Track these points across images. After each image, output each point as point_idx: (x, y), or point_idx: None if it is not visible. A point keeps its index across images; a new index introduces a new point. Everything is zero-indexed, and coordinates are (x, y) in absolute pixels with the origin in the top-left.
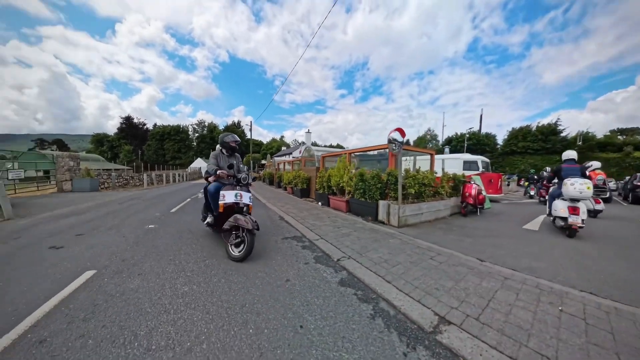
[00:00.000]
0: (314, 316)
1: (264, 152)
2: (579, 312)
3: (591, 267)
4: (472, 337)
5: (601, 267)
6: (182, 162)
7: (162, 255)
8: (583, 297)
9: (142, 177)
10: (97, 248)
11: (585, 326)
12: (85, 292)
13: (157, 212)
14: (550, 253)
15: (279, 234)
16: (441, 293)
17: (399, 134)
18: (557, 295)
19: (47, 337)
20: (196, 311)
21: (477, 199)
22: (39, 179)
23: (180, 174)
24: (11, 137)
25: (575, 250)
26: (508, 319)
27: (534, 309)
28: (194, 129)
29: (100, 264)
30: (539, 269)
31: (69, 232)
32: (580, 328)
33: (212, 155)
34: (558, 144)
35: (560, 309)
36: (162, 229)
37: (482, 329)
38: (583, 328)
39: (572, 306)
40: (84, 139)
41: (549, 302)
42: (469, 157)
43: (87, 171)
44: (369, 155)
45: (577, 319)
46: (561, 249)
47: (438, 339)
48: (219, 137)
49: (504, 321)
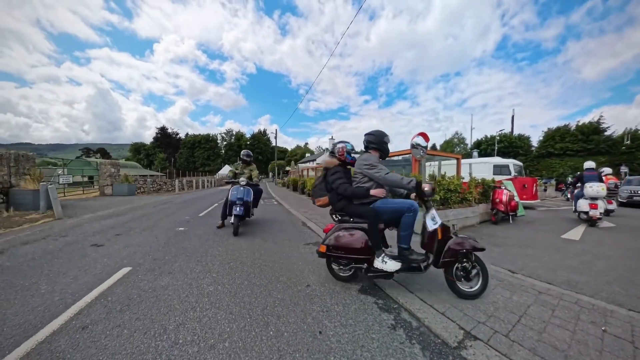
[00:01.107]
0: (333, 323)
1: (288, 159)
2: (626, 333)
3: None
4: (500, 355)
5: None
6: (210, 168)
7: (190, 256)
8: (632, 317)
9: (174, 182)
10: (133, 247)
11: (634, 351)
12: (122, 287)
13: (187, 216)
14: (592, 266)
15: (301, 239)
16: (467, 306)
17: (423, 138)
18: (600, 314)
19: (88, 324)
20: (220, 310)
21: (509, 205)
22: (84, 183)
23: (209, 180)
24: (62, 147)
25: (622, 264)
26: (542, 337)
27: (573, 328)
28: (222, 138)
29: (135, 262)
30: (579, 284)
31: (109, 232)
32: (628, 353)
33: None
34: (602, 144)
35: (603, 329)
36: (190, 231)
37: (512, 346)
38: (631, 353)
39: (617, 326)
40: (123, 147)
41: (590, 321)
42: (500, 161)
43: (126, 177)
44: (393, 161)
45: (624, 341)
46: (606, 262)
47: (463, 354)
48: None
49: (537, 340)
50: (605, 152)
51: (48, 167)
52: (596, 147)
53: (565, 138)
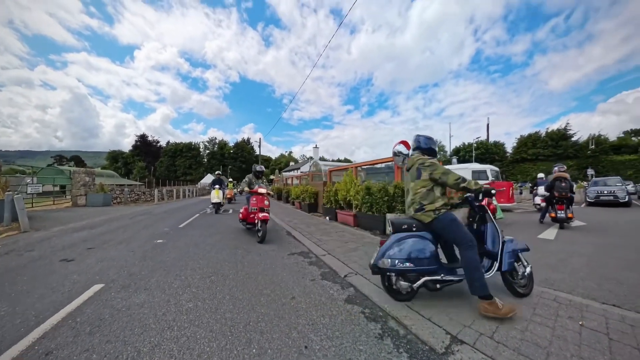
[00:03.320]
0: (319, 336)
1: (272, 168)
2: (601, 326)
3: (613, 277)
4: (486, 358)
5: (624, 277)
6: (192, 177)
7: (169, 270)
8: (605, 310)
9: (153, 192)
10: (106, 262)
11: (609, 342)
12: (93, 306)
13: (166, 227)
14: (568, 263)
15: (286, 249)
16: (453, 310)
17: (404, 146)
18: (577, 309)
19: (53, 349)
20: (200, 329)
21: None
22: (55, 193)
23: (190, 189)
24: (31, 154)
25: (595, 260)
26: (524, 336)
27: (553, 325)
28: (205, 146)
29: (109, 278)
30: (556, 281)
31: (80, 246)
32: (604, 344)
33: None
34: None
35: (580, 324)
36: (170, 244)
37: (497, 348)
38: (606, 344)
39: (593, 320)
40: (100, 155)
41: (568, 317)
42: (478, 167)
43: (102, 186)
44: (376, 169)
45: (600, 334)
46: (579, 259)
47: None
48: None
49: (520, 339)
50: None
51: (15, 176)
52: (565, 152)
53: (536, 144)
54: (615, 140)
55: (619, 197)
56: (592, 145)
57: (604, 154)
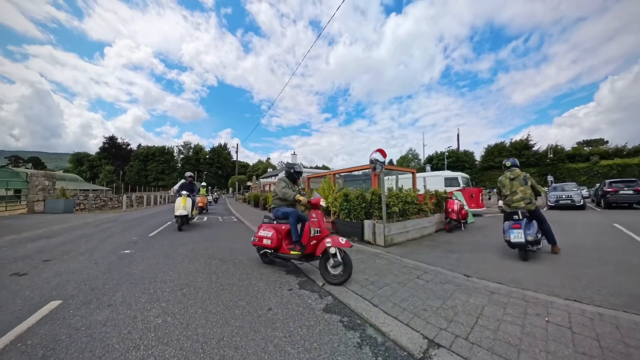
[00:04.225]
0: (296, 349)
1: (250, 174)
2: (565, 321)
3: (573, 274)
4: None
5: (582, 274)
6: (165, 183)
7: (136, 284)
8: (568, 306)
9: (121, 198)
10: (65, 275)
11: (572, 335)
12: (47, 326)
13: (134, 236)
14: (534, 263)
15: None
16: (429, 314)
17: (380, 154)
18: (543, 306)
19: None
20: (169, 347)
21: (460, 214)
22: (8, 198)
23: (162, 195)
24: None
25: (557, 260)
26: (497, 335)
27: (522, 323)
28: (180, 150)
29: (67, 294)
30: (524, 281)
31: (35, 258)
32: (567, 338)
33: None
34: (532, 158)
35: (547, 320)
36: (138, 254)
37: (472, 349)
38: (570, 337)
39: (558, 316)
40: (62, 157)
41: (535, 314)
42: (450, 174)
43: (63, 191)
44: (353, 176)
45: (564, 328)
46: (544, 259)
47: None
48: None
49: (493, 338)
50: (534, 164)
51: None
52: (527, 160)
53: (502, 153)
54: (570, 150)
55: (575, 201)
56: (551, 154)
57: (560, 162)
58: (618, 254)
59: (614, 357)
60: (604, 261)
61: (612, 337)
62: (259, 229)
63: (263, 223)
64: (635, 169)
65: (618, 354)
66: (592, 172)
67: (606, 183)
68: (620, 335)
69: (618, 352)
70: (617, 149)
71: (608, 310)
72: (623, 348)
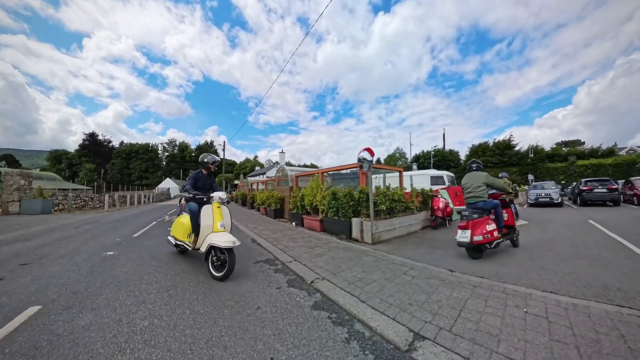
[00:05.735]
0: (285, 346)
1: (237, 172)
2: (542, 311)
3: (550, 268)
4: (446, 351)
5: (559, 267)
6: (149, 182)
7: (121, 286)
8: (544, 297)
9: (103, 198)
10: (45, 279)
11: (548, 325)
12: (27, 332)
13: (118, 237)
14: (514, 258)
15: (251, 257)
16: (415, 308)
17: (368, 153)
18: (522, 298)
19: None
20: (156, 349)
21: (445, 211)
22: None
23: (146, 195)
24: None
25: (536, 254)
26: (479, 327)
27: (502, 314)
28: (164, 148)
29: (47, 298)
30: (504, 275)
31: (11, 262)
32: (544, 327)
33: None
34: (513, 157)
35: (525, 311)
36: (122, 256)
37: (455, 340)
38: (546, 327)
39: (535, 307)
40: (39, 155)
41: (515, 306)
42: (435, 173)
43: (40, 191)
44: (341, 174)
45: (541, 318)
46: (523, 254)
47: (414, 356)
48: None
49: (475, 330)
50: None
51: None
52: (509, 160)
53: (486, 152)
54: (549, 150)
55: (554, 198)
56: (531, 154)
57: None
58: (592, 249)
59: (585, 343)
60: (579, 255)
61: (584, 325)
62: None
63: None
64: (609, 169)
65: (589, 340)
66: (569, 172)
67: (582, 182)
68: (592, 324)
69: (589, 338)
70: (592, 150)
71: (581, 300)
72: (594, 335)
